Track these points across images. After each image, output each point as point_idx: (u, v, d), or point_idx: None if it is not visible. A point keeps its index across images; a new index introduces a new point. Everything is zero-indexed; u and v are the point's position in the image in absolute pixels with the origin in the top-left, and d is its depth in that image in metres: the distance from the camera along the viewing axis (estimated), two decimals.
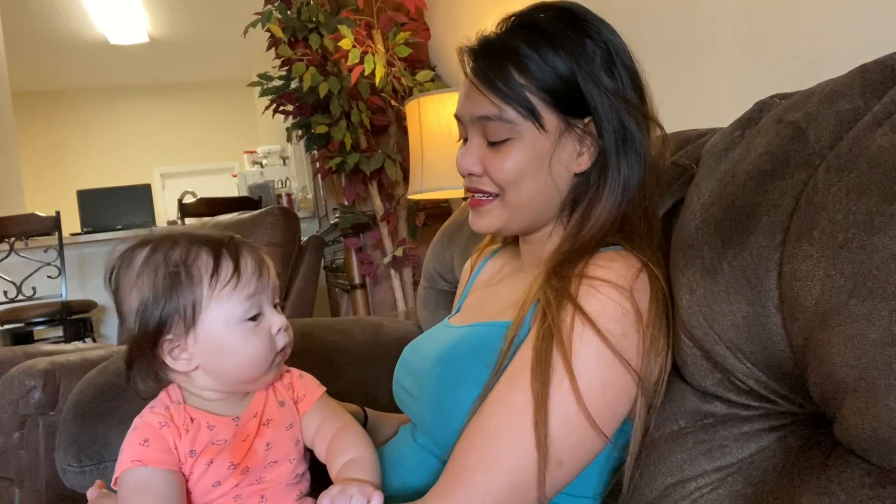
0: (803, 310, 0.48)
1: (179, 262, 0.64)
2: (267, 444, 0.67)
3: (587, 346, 0.59)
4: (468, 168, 0.71)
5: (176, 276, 0.63)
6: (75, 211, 4.39)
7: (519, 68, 0.66)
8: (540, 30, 0.67)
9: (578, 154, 0.69)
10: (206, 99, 7.01)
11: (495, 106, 0.67)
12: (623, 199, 0.68)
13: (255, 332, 0.66)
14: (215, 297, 0.64)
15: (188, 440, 0.63)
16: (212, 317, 0.64)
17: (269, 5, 2.29)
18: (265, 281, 0.67)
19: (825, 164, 0.50)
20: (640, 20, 1.31)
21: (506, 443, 0.58)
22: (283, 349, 0.68)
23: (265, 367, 0.67)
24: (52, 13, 4.98)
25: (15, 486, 1.38)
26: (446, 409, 0.65)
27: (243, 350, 0.65)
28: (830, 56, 0.93)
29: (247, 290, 0.65)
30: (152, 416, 0.64)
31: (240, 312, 0.64)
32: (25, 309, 3.14)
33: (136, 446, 0.62)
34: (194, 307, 0.63)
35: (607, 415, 0.59)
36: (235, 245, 0.66)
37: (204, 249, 0.65)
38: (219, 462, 0.64)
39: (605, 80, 0.66)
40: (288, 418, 0.70)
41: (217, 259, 0.64)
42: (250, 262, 0.66)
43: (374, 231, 2.36)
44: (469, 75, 0.70)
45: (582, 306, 0.60)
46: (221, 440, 0.65)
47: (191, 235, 0.67)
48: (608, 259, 0.64)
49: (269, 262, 0.69)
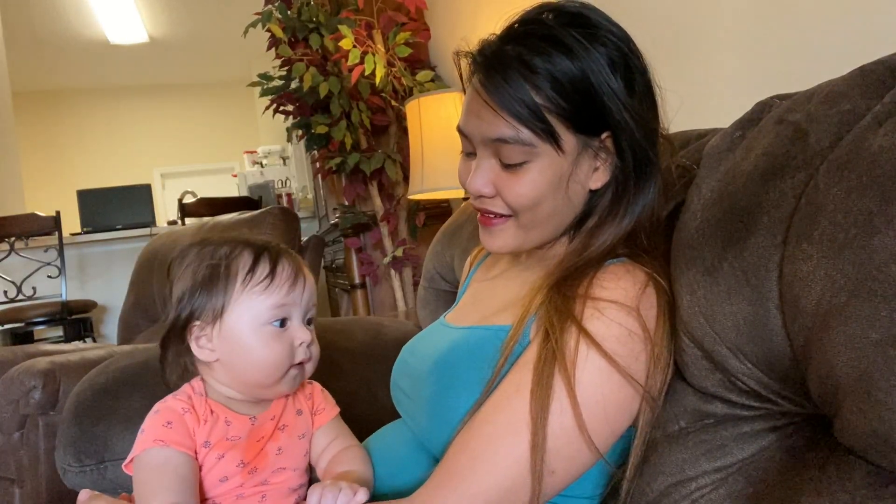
0: (804, 310, 0.48)
1: (223, 256, 0.67)
2: (279, 449, 0.68)
3: (591, 369, 0.58)
4: (479, 190, 0.67)
5: (216, 269, 0.66)
6: (75, 211, 4.39)
7: (536, 86, 0.61)
8: (553, 40, 0.62)
9: (594, 170, 0.66)
10: (206, 99, 7.00)
11: (512, 128, 0.62)
12: (635, 216, 0.66)
13: (277, 339, 0.66)
14: (246, 293, 0.66)
15: (205, 430, 0.65)
16: (239, 312, 0.66)
17: (270, 5, 2.29)
18: (298, 290, 0.68)
19: (826, 165, 0.50)
20: (639, 20, 1.31)
21: (500, 450, 0.57)
22: (301, 363, 0.68)
23: (278, 376, 0.67)
24: (52, 13, 4.98)
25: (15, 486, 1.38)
26: (442, 414, 0.65)
27: (260, 353, 0.66)
28: (830, 56, 0.93)
29: (277, 294, 0.66)
30: (175, 402, 0.66)
31: (266, 314, 0.66)
32: (25, 309, 3.14)
33: (159, 427, 0.64)
34: (225, 299, 0.66)
35: (606, 432, 0.59)
36: (278, 251, 0.69)
37: (248, 250, 0.68)
38: (230, 458, 0.65)
39: (624, 96, 0.62)
40: (302, 427, 0.72)
41: (256, 259, 0.67)
42: (287, 269, 0.68)
43: (374, 231, 2.36)
44: (480, 91, 0.64)
45: (587, 329, 0.59)
46: (236, 436, 0.66)
47: (244, 240, 0.70)
48: (613, 276, 0.63)
49: (310, 278, 0.71)
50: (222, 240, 0.70)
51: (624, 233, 0.66)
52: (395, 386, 0.79)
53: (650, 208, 0.67)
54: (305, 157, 3.80)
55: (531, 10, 0.65)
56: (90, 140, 6.73)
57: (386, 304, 2.45)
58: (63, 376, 1.33)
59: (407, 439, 0.73)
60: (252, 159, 5.65)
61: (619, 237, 0.66)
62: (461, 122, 0.68)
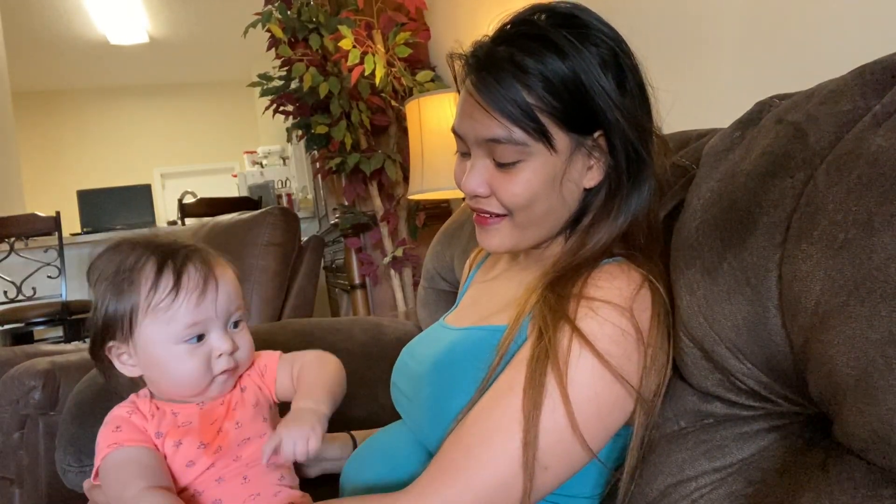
0: (803, 310, 0.48)
1: (128, 268, 0.63)
2: (237, 424, 0.68)
3: (583, 368, 0.58)
4: (473, 190, 0.67)
5: (121, 283, 0.63)
6: (75, 211, 4.39)
7: (527, 86, 0.61)
8: (544, 40, 0.62)
9: (588, 168, 0.66)
10: (206, 99, 7.01)
11: (504, 128, 0.63)
12: (630, 215, 0.66)
13: (193, 354, 0.64)
14: (151, 311, 0.62)
15: (154, 424, 0.65)
16: (148, 331, 0.63)
17: (269, 5, 2.29)
18: (208, 302, 0.63)
19: (825, 165, 0.50)
20: (639, 20, 1.31)
21: (492, 446, 0.58)
22: (224, 372, 0.67)
23: (201, 388, 0.66)
24: (52, 13, 4.98)
25: (15, 486, 1.38)
26: (440, 414, 0.65)
27: (176, 370, 0.64)
28: (830, 56, 0.93)
29: (185, 310, 0.62)
30: (120, 409, 0.67)
31: (175, 332, 0.63)
32: (25, 309, 3.14)
33: (109, 434, 0.64)
34: (132, 317, 0.63)
35: (599, 430, 0.59)
36: (185, 258, 0.64)
37: (152, 259, 0.63)
38: (188, 443, 0.65)
39: (615, 95, 0.63)
40: (252, 397, 0.71)
41: (159, 271, 0.62)
42: (195, 278, 0.63)
43: (374, 231, 2.36)
44: (472, 92, 0.64)
45: (580, 328, 0.59)
46: (186, 422, 0.66)
47: (151, 242, 0.66)
48: (608, 276, 0.63)
49: (225, 278, 0.66)
50: (131, 243, 0.66)
51: (619, 231, 0.67)
52: (394, 387, 0.79)
53: (645, 207, 0.67)
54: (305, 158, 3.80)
55: (523, 12, 0.66)
56: (90, 140, 6.73)
57: (386, 305, 2.45)
58: (63, 376, 1.33)
59: (407, 439, 0.73)
60: (252, 159, 5.65)
61: (613, 236, 0.67)
62: (455, 123, 0.69)
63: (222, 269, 0.68)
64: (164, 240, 0.67)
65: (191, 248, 0.66)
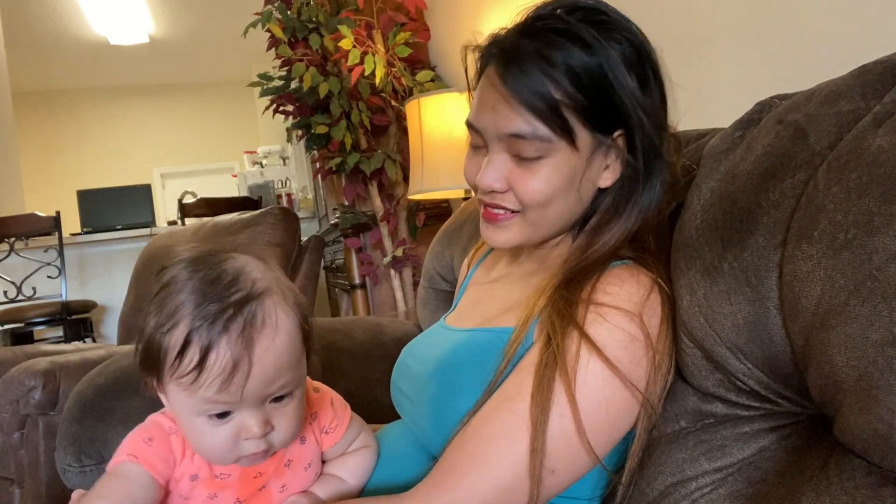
0: (804, 310, 0.48)
1: (163, 322, 0.53)
2: (282, 487, 0.62)
3: (592, 375, 0.58)
4: (490, 186, 0.65)
5: (153, 337, 0.54)
6: (75, 211, 4.39)
7: (554, 80, 0.60)
8: (571, 35, 0.61)
9: (605, 168, 0.66)
10: (206, 99, 7.01)
11: (528, 123, 0.61)
12: (641, 217, 0.66)
13: (217, 428, 0.55)
14: (174, 381, 0.54)
15: (192, 464, 0.58)
16: (174, 393, 0.55)
17: (269, 5, 2.29)
18: (235, 387, 0.52)
19: (825, 165, 0.50)
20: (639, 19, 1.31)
21: (498, 451, 0.57)
22: (252, 455, 0.57)
23: (226, 463, 0.58)
24: (52, 13, 4.98)
25: (15, 486, 1.38)
26: (444, 416, 0.65)
27: (198, 440, 0.57)
28: (830, 56, 0.93)
29: (206, 391, 0.52)
30: (164, 419, 0.60)
31: (196, 406, 0.54)
32: (25, 309, 3.14)
33: (138, 441, 0.58)
34: (159, 374, 0.55)
35: (606, 436, 0.59)
36: (224, 325, 0.52)
37: (184, 321, 0.52)
38: (223, 497, 0.59)
39: (638, 94, 0.62)
40: (309, 456, 0.65)
41: (186, 343, 0.52)
42: (222, 360, 0.52)
43: (374, 231, 2.36)
44: (497, 84, 0.62)
45: (589, 334, 0.58)
46: (225, 473, 0.59)
47: (205, 280, 0.54)
48: (617, 280, 0.62)
49: (270, 353, 0.54)
50: (187, 274, 0.55)
51: (630, 232, 0.66)
52: (394, 387, 0.79)
53: (657, 207, 0.66)
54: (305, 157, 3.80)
55: (544, 6, 0.64)
56: (90, 140, 6.73)
57: (386, 304, 2.45)
58: (63, 376, 1.33)
59: (407, 440, 0.72)
60: (252, 159, 5.65)
61: (624, 236, 0.66)
62: (472, 116, 0.67)
63: (270, 337, 0.54)
64: (220, 277, 0.54)
65: (242, 301, 0.53)
